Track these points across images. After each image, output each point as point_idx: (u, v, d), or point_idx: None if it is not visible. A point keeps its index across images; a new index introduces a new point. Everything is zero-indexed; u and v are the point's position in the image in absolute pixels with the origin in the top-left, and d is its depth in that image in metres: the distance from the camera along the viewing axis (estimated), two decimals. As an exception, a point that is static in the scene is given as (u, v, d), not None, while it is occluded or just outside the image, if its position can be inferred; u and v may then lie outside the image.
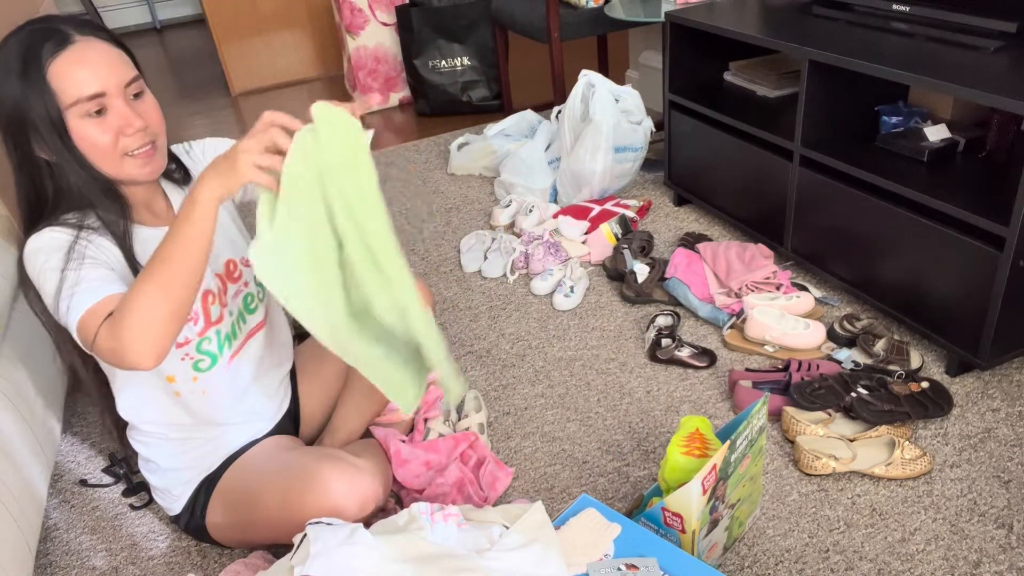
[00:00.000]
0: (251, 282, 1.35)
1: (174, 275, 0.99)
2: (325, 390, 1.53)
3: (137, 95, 1.13)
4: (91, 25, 1.11)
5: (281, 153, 0.98)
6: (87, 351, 1.08)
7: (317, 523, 1.06)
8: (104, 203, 1.15)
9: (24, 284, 1.17)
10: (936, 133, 1.74)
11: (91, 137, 1.09)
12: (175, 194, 1.28)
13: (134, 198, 1.20)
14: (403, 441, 1.52)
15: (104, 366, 1.26)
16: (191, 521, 1.35)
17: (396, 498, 1.46)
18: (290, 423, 1.47)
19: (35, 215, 1.14)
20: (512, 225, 2.43)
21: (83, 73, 1.06)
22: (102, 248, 1.12)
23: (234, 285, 1.32)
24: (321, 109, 0.99)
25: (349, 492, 1.18)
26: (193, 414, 1.30)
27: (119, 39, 1.15)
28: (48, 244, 1.09)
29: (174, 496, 1.34)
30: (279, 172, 0.99)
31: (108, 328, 1.00)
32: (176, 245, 0.99)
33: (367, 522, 1.20)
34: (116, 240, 1.15)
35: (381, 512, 1.40)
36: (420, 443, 1.52)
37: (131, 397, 1.28)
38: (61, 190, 1.13)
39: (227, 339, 1.29)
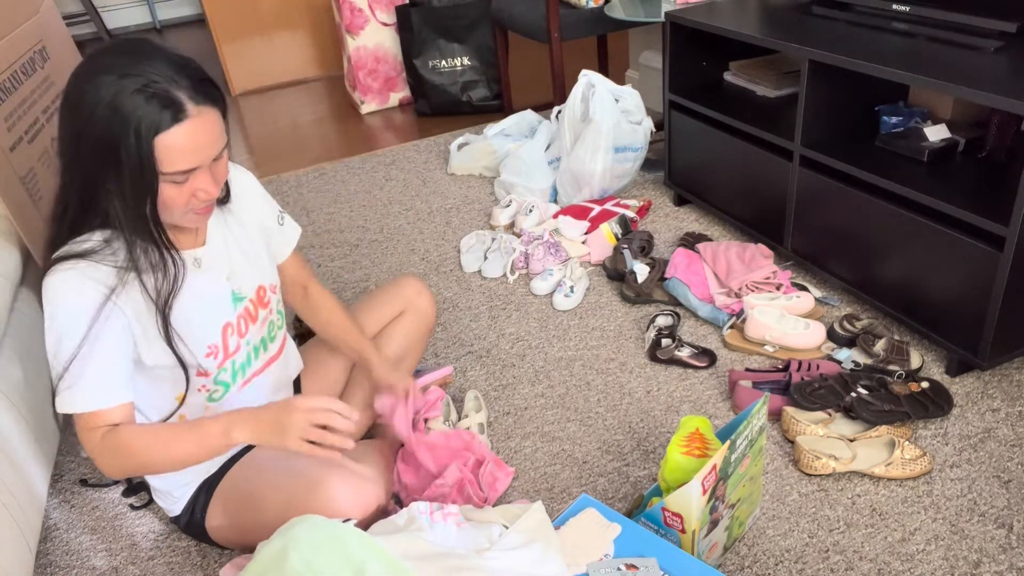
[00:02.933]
0: (275, 309, 1.36)
1: (172, 464, 1.13)
2: (328, 391, 1.53)
3: (216, 158, 1.11)
4: (203, 89, 1.06)
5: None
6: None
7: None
8: (150, 256, 1.13)
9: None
10: (936, 133, 1.74)
11: (168, 198, 1.08)
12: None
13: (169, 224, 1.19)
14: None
15: None
16: (191, 522, 1.34)
17: (396, 499, 1.46)
18: None
19: (70, 222, 1.12)
20: (512, 225, 2.43)
21: (185, 151, 1.04)
22: (128, 304, 1.12)
23: (264, 311, 1.32)
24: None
25: (354, 502, 1.19)
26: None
27: (223, 98, 1.10)
28: (75, 298, 1.08)
29: (174, 497, 1.34)
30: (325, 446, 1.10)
31: (102, 449, 1.11)
32: (191, 449, 1.11)
33: (367, 523, 1.20)
34: (156, 299, 1.14)
35: (381, 512, 1.40)
36: (423, 441, 1.52)
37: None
38: (107, 215, 1.11)
39: (241, 368, 1.29)
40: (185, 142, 1.03)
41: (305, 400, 1.10)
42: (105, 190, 1.08)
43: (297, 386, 1.51)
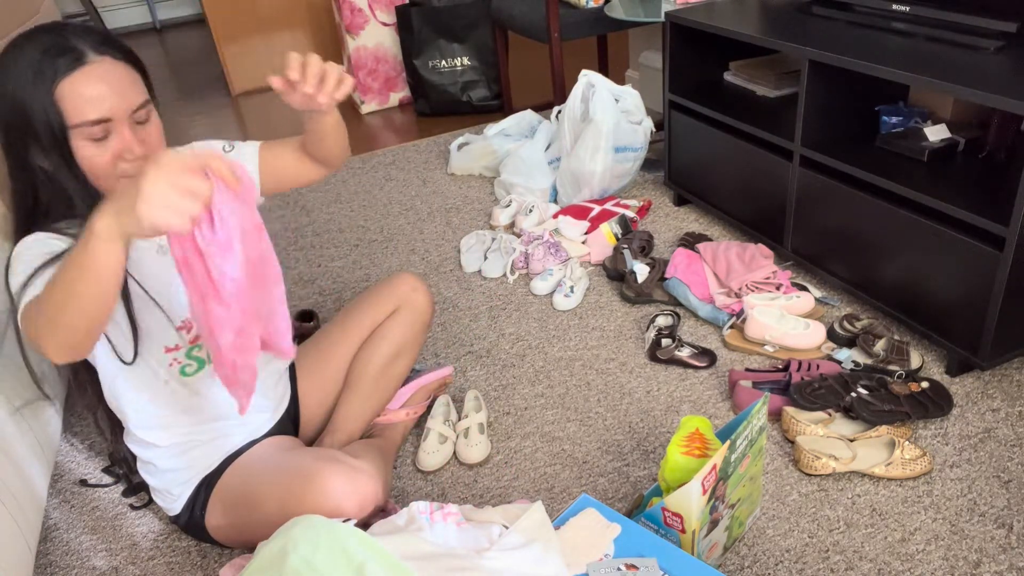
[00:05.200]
0: None
1: (73, 294, 0.90)
2: (325, 390, 1.53)
3: (143, 121, 1.12)
4: (110, 43, 1.10)
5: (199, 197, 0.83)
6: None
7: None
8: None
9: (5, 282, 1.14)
10: (936, 133, 1.74)
11: (90, 157, 1.09)
12: None
13: None
14: None
15: (98, 364, 1.27)
16: (191, 521, 1.35)
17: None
18: (289, 423, 1.47)
19: (29, 220, 1.14)
20: (512, 225, 2.43)
21: (92, 98, 1.05)
22: None
23: None
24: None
25: (349, 493, 1.18)
26: (189, 412, 1.30)
27: (135, 57, 1.13)
28: (39, 247, 1.09)
29: (173, 496, 1.34)
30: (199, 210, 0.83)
31: (29, 317, 1.00)
32: (74, 270, 0.88)
33: (367, 523, 1.20)
34: None
35: (381, 512, 1.40)
36: None
37: (129, 394, 1.28)
38: (56, 198, 1.13)
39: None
40: (87, 89, 1.04)
41: (172, 156, 0.82)
42: (39, 168, 1.09)
43: (295, 386, 1.51)
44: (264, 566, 0.99)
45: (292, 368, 1.51)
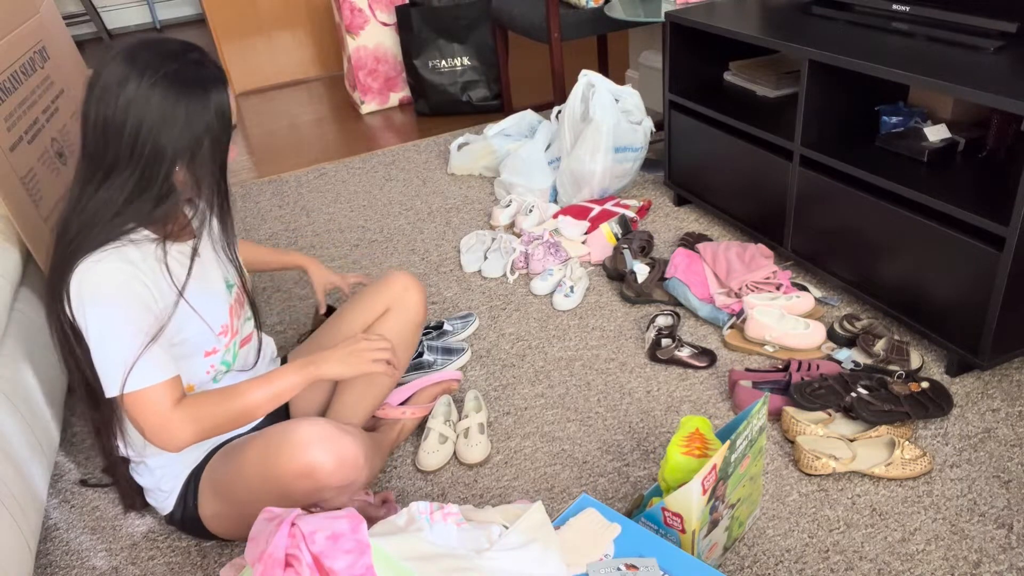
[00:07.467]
0: (247, 299, 1.41)
1: (254, 415, 1.21)
2: (317, 390, 1.53)
3: None
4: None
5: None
6: (114, 409, 1.22)
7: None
8: (222, 207, 1.23)
9: (53, 296, 1.15)
10: (936, 133, 1.74)
11: (231, 161, 1.26)
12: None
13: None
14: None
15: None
16: (185, 514, 1.34)
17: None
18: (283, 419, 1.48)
19: (104, 232, 1.14)
20: (512, 225, 2.43)
21: (233, 107, 1.19)
22: (152, 282, 1.17)
23: (245, 298, 1.38)
24: None
25: (327, 447, 1.19)
26: None
27: None
28: (127, 287, 1.12)
29: (164, 493, 1.34)
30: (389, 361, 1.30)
31: (181, 419, 1.14)
32: (275, 397, 1.22)
33: (347, 490, 1.23)
34: (164, 255, 1.19)
35: (377, 506, 1.40)
36: None
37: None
38: (171, 210, 1.18)
39: (234, 345, 1.34)
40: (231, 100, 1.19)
41: (365, 337, 1.30)
42: (172, 170, 1.14)
43: None
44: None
45: None
